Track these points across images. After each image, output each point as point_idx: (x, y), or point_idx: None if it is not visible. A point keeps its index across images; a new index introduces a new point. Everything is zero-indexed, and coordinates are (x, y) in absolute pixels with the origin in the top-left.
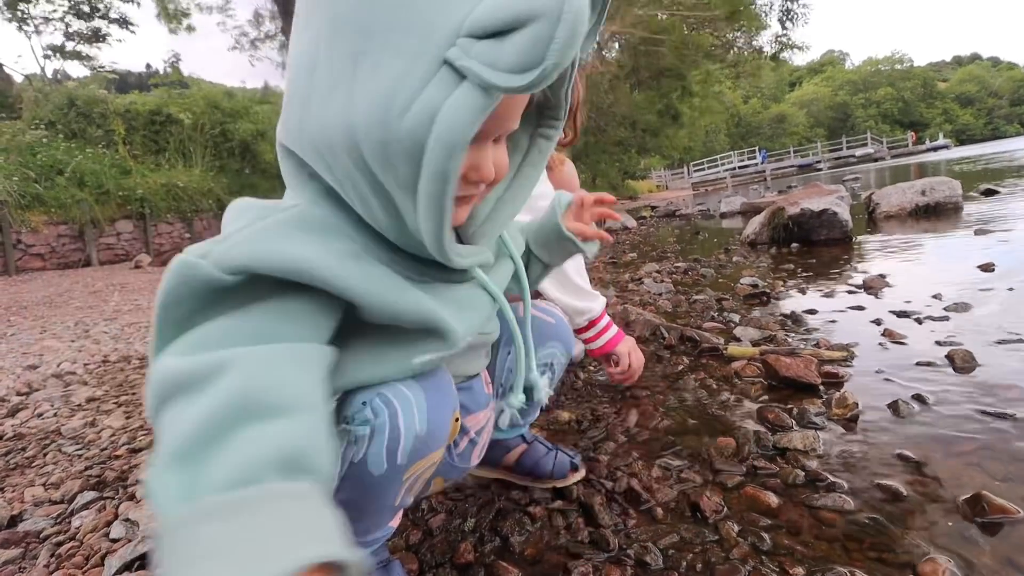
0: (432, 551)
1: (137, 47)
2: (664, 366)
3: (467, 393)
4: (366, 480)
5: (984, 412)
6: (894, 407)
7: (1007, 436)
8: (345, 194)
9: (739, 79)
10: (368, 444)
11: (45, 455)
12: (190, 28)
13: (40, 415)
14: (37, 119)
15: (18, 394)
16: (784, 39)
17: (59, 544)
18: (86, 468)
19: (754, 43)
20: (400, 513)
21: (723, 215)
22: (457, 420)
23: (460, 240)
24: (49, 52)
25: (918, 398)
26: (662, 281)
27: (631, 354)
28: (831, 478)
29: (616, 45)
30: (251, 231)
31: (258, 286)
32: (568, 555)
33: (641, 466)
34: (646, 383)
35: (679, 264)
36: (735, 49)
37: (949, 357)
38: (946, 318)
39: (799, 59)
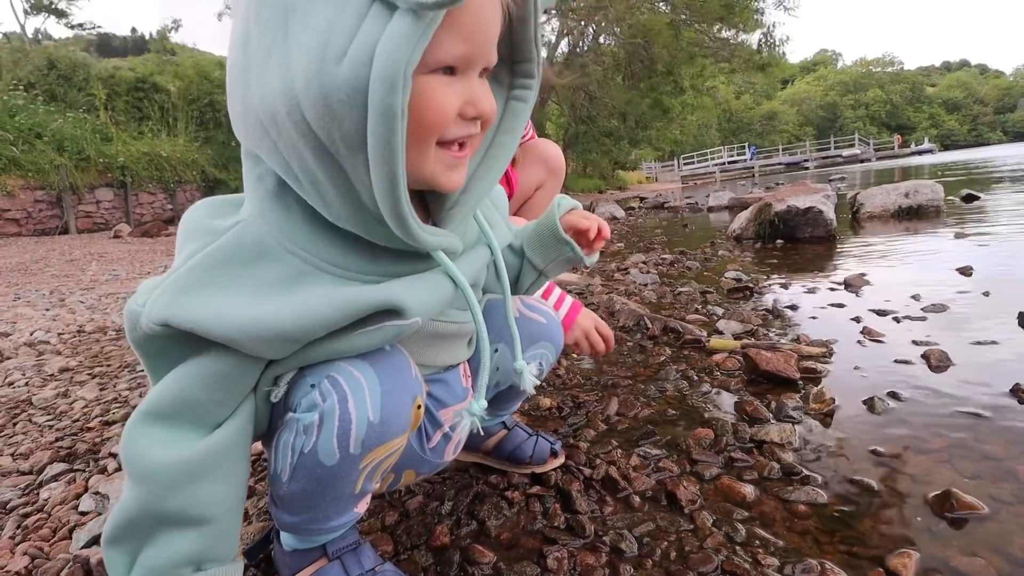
0: (408, 533)
1: (123, 10)
2: (647, 356)
3: (441, 385)
4: (318, 471)
5: (957, 411)
6: (870, 403)
7: (978, 435)
8: (293, 180)
9: (733, 74)
10: (318, 433)
11: (15, 425)
12: None
13: (11, 384)
14: (16, 79)
15: None
16: (767, 54)
17: (26, 516)
18: (56, 439)
19: (746, 41)
20: (367, 498)
21: (711, 209)
22: (420, 407)
23: (436, 221)
24: (28, 8)
25: (893, 395)
26: (648, 272)
27: (591, 333)
28: (805, 471)
29: (611, 38)
30: (177, 278)
31: (190, 334)
32: (544, 540)
33: (620, 454)
34: (628, 372)
35: (665, 256)
36: (730, 47)
37: (925, 356)
38: (923, 318)
39: (790, 57)
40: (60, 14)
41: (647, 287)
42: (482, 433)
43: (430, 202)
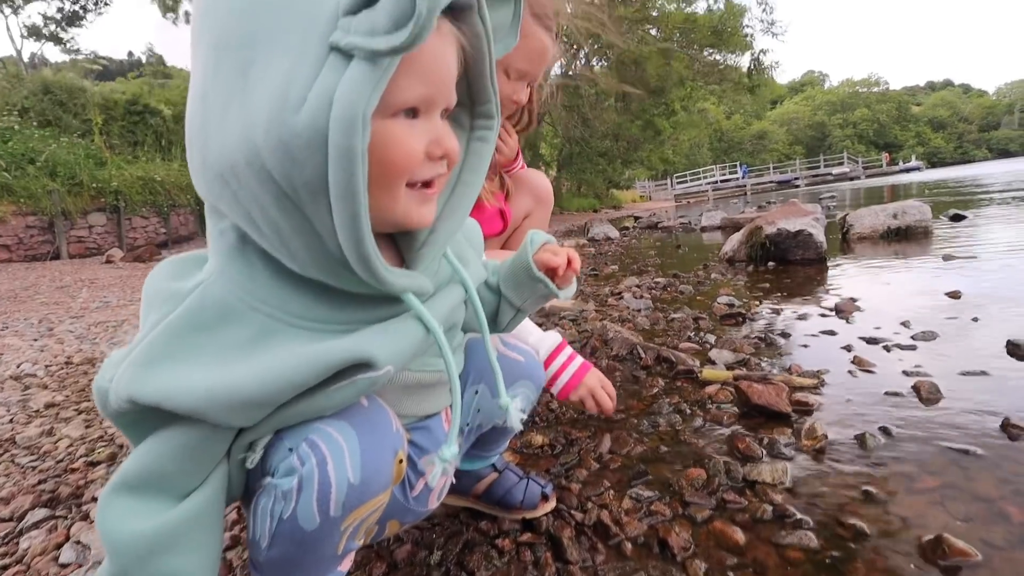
0: None
1: (118, 34)
2: (640, 387)
3: (423, 433)
4: (298, 536)
5: (948, 447)
6: (861, 439)
7: (969, 473)
8: (256, 231)
9: (724, 96)
10: (297, 498)
11: None
12: (176, 15)
13: None
14: (9, 105)
15: None
16: (756, 77)
17: (4, 568)
18: (39, 482)
19: (737, 64)
20: (351, 555)
21: (703, 229)
22: (402, 462)
23: (405, 261)
24: (25, 33)
25: (884, 431)
26: (641, 297)
27: (597, 391)
28: (798, 514)
29: (603, 61)
30: (140, 352)
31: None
32: None
33: (612, 496)
34: (621, 404)
35: (659, 279)
36: (719, 70)
37: (915, 388)
38: (913, 347)
39: (779, 78)
40: (57, 40)
41: (640, 312)
42: (454, 482)
43: (400, 244)
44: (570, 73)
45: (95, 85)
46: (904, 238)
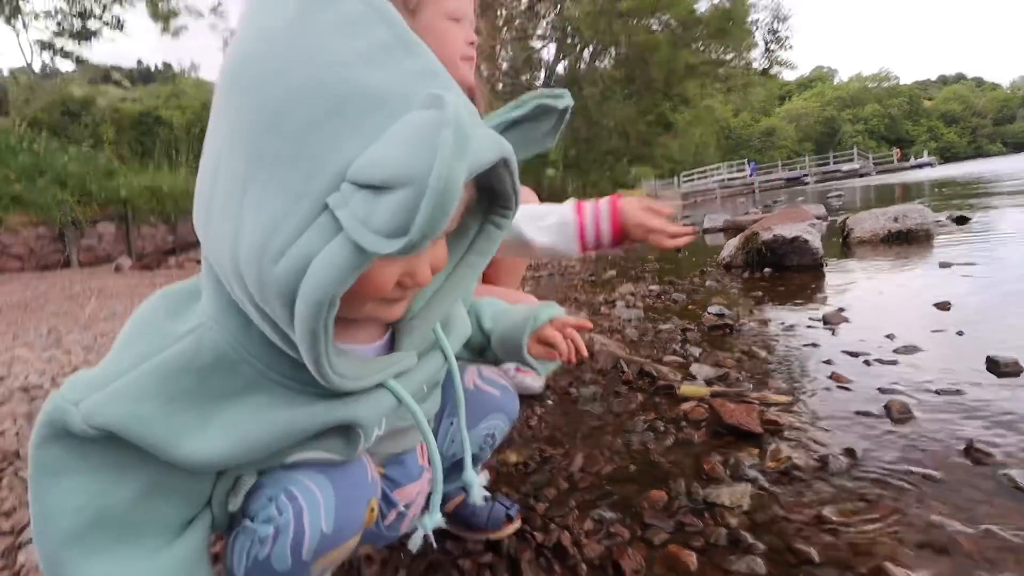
0: None
1: (129, 42)
2: (620, 402)
3: (398, 468)
4: (270, 574)
5: (910, 471)
6: (823, 461)
7: (926, 500)
8: (244, 308)
9: (730, 93)
10: (272, 544)
11: (1, 480)
12: (176, 32)
13: (1, 433)
14: (22, 117)
15: None
16: (772, 56)
17: None
18: None
19: (743, 59)
20: None
21: (706, 231)
22: (373, 510)
23: (394, 328)
24: (37, 47)
25: (849, 452)
26: (634, 306)
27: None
28: (750, 539)
29: (608, 59)
30: (127, 386)
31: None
32: None
33: (575, 517)
34: (598, 420)
35: (653, 287)
36: (725, 66)
37: (887, 407)
38: (894, 361)
39: (788, 75)
40: (67, 54)
41: (631, 323)
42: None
43: None
44: (575, 71)
45: (105, 93)
46: (905, 241)
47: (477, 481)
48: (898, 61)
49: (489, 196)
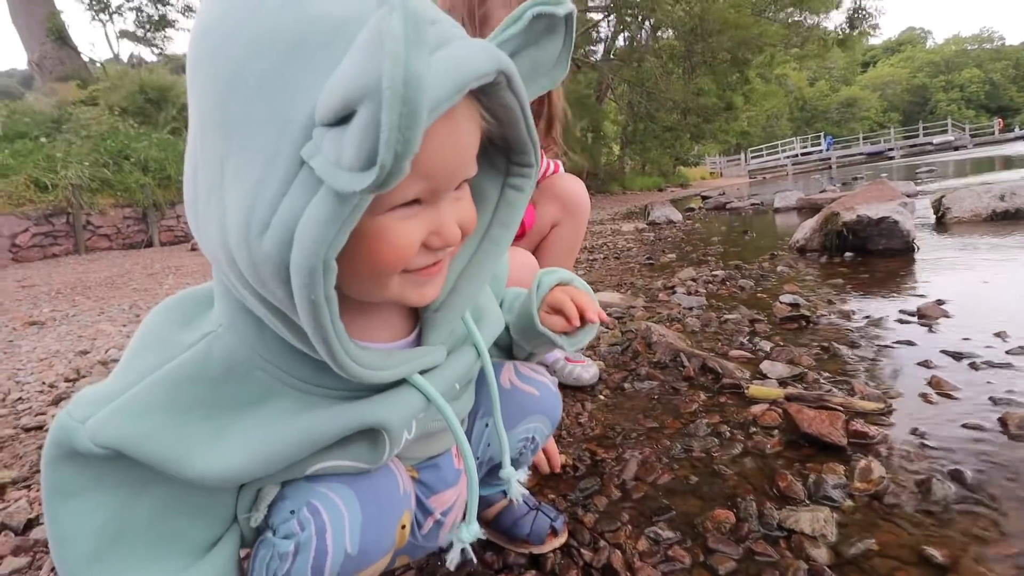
0: None
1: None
2: (679, 402)
3: (432, 471)
4: None
5: None
6: (926, 486)
7: None
8: (250, 306)
9: (804, 60)
10: (292, 561)
11: None
12: None
13: None
14: (110, 105)
15: (66, 380)
16: (858, 15)
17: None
18: None
19: (822, 23)
20: None
21: (776, 211)
22: (404, 527)
23: (420, 321)
24: (123, 38)
25: (956, 476)
26: (696, 292)
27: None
28: None
29: (668, 30)
30: (132, 400)
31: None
32: None
33: (628, 534)
34: (655, 422)
35: (717, 272)
36: (801, 32)
37: (1002, 420)
38: (1008, 364)
39: (872, 40)
40: (149, 43)
41: (692, 311)
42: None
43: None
44: (635, 45)
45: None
46: (1013, 223)
47: (515, 477)
48: (1004, 19)
49: (505, 152)
